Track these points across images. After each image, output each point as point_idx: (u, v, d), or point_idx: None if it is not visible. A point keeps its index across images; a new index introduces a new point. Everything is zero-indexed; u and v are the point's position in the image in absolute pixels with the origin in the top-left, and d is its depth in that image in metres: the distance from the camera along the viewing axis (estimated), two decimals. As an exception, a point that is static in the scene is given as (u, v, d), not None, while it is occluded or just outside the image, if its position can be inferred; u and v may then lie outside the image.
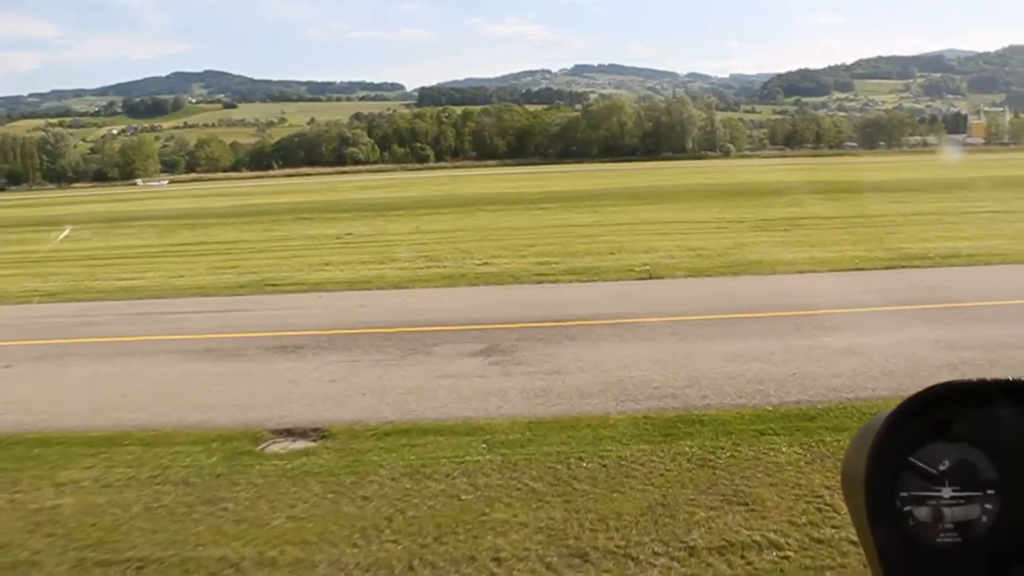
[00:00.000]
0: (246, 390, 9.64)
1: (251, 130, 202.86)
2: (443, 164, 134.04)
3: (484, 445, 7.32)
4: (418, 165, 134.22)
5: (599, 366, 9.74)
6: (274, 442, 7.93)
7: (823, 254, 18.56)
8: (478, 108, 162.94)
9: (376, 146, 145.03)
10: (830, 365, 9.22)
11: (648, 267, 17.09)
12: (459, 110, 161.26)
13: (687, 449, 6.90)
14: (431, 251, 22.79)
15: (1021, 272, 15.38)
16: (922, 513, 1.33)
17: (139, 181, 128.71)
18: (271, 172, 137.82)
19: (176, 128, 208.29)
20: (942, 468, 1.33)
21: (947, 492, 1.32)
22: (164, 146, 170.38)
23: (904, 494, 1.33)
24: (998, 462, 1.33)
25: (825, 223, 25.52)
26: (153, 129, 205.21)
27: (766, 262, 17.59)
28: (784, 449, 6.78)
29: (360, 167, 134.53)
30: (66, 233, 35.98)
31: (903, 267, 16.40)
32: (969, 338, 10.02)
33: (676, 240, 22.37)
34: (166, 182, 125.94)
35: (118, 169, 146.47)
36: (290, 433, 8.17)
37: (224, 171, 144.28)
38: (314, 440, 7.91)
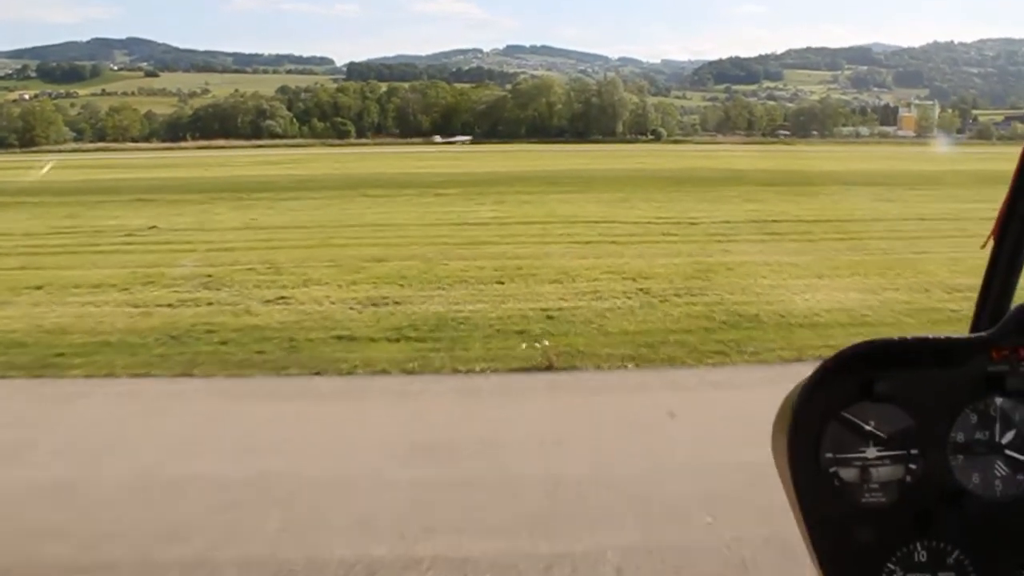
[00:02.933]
0: None
1: (172, 100, 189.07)
2: (364, 140, 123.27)
3: None
4: (338, 141, 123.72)
5: None
6: None
7: (862, 297, 10.45)
8: (405, 84, 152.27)
9: (295, 120, 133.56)
10: None
11: (545, 344, 8.21)
12: (384, 86, 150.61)
13: None
14: (227, 263, 14.20)
15: None
16: (848, 474, 1.29)
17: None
18: (183, 144, 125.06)
19: (94, 95, 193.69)
20: (867, 428, 1.29)
21: (872, 452, 1.29)
22: (79, 113, 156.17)
23: (829, 455, 1.29)
24: (921, 422, 1.30)
25: (813, 230, 17.64)
26: (69, 96, 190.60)
27: (767, 318, 9.32)
28: None
29: (277, 141, 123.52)
30: None
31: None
32: None
33: (605, 256, 14.14)
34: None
35: (16, 135, 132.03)
36: None
37: (134, 141, 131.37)
38: None
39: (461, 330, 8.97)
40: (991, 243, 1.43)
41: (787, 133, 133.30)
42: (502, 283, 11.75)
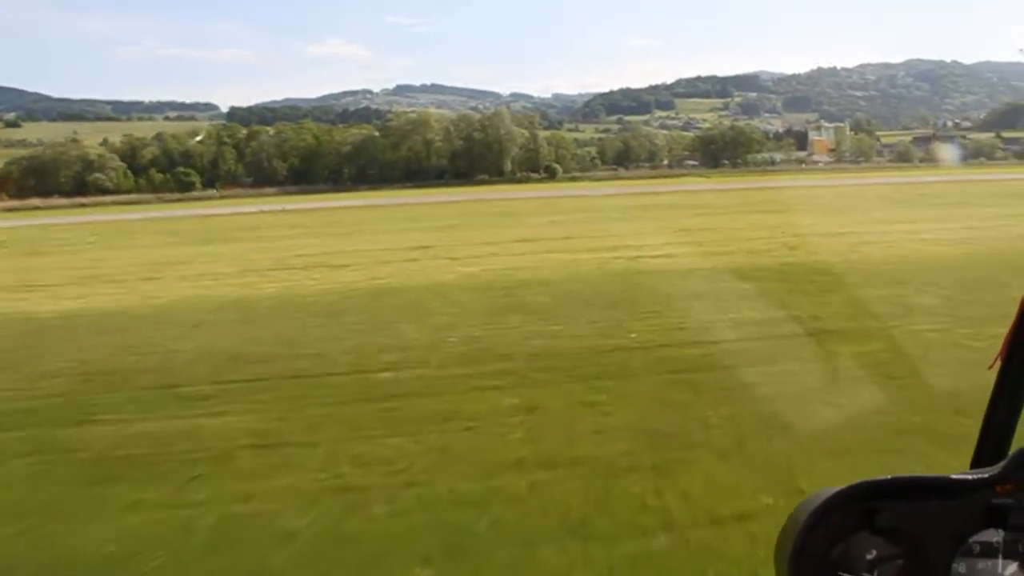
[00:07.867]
0: None
1: (32, 152, 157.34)
2: (210, 195, 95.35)
3: None
4: (179, 195, 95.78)
5: None
6: None
7: None
8: (269, 128, 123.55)
9: (129, 172, 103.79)
10: None
11: None
12: (245, 129, 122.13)
13: None
14: None
15: None
16: None
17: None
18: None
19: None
20: (869, 558, 1.24)
21: None
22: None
23: None
24: (923, 553, 1.25)
25: None
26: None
27: None
28: None
29: (106, 198, 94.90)
30: None
31: None
32: None
33: None
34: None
35: None
36: None
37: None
38: None
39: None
40: (997, 365, 1.36)
41: (696, 163, 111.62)
42: None
